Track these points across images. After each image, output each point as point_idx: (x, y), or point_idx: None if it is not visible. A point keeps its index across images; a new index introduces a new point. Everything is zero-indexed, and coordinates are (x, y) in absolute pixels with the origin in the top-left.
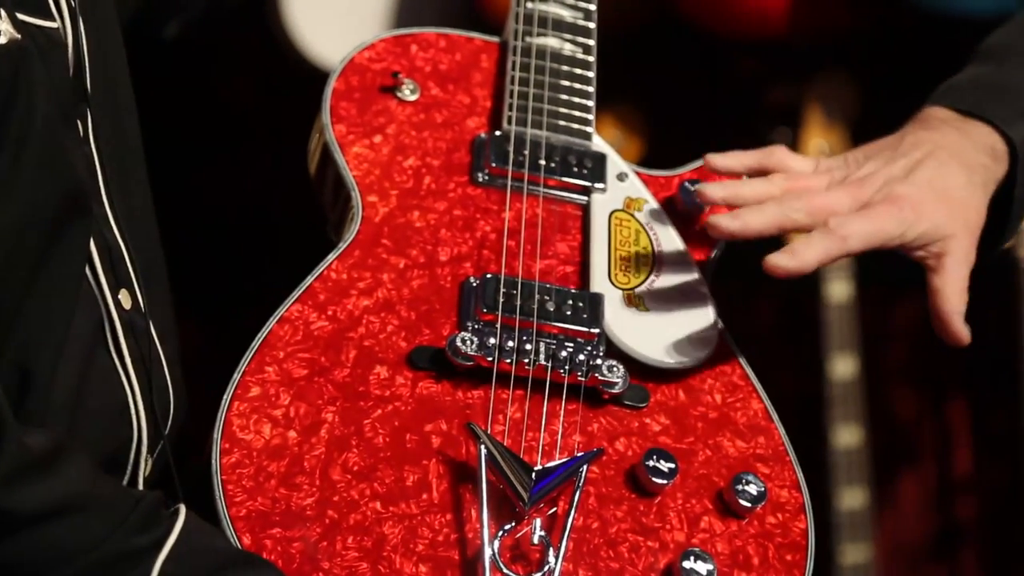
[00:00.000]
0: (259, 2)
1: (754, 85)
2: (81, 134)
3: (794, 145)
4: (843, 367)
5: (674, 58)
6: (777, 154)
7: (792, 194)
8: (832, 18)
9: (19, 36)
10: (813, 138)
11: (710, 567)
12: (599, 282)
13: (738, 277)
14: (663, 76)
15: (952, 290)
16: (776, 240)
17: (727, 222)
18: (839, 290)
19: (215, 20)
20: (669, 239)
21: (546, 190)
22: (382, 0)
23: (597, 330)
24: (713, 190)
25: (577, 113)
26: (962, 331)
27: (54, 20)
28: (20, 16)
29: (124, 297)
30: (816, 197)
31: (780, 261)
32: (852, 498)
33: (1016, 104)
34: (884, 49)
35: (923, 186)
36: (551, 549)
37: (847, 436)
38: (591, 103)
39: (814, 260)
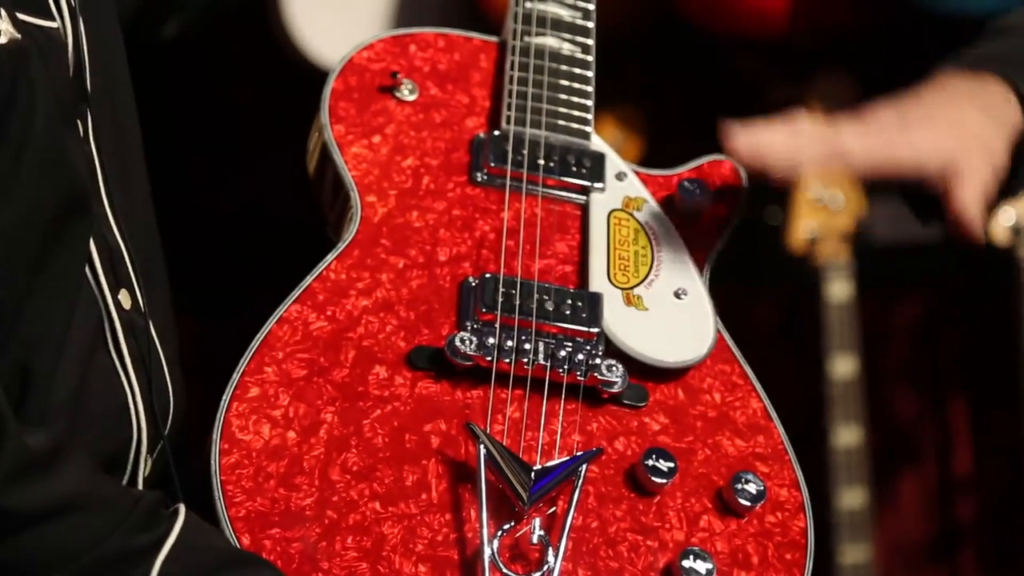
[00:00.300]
0: (259, 2)
1: (754, 84)
2: (81, 134)
3: None
4: (843, 367)
5: (674, 57)
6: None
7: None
8: (833, 17)
9: (19, 36)
10: None
11: (710, 566)
12: (598, 281)
13: (739, 277)
14: (663, 75)
15: (966, 199)
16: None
17: (744, 137)
18: (839, 290)
19: (215, 20)
20: (668, 238)
21: (545, 190)
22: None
23: (596, 329)
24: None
25: (576, 112)
26: (975, 226)
27: (54, 20)
28: (20, 16)
29: (124, 297)
30: (832, 135)
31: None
32: (852, 498)
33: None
34: (884, 48)
35: (939, 121)
36: (550, 548)
37: (847, 436)
38: (590, 102)
39: (808, 148)
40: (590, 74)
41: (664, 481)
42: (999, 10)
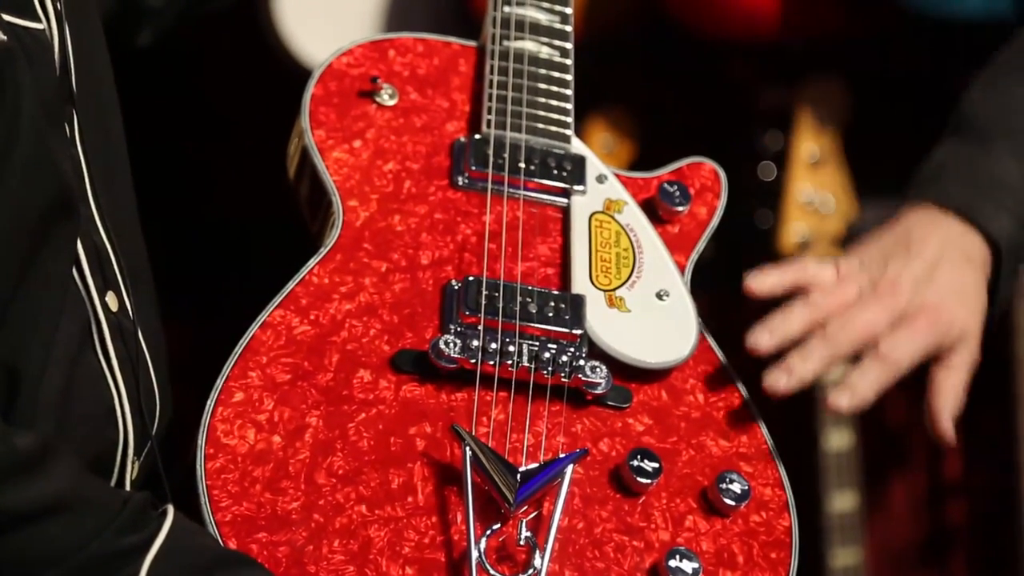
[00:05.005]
0: (249, 4)
1: (745, 88)
2: (68, 135)
3: (785, 149)
4: (834, 370)
5: (665, 61)
6: (809, 270)
7: (834, 325)
8: (824, 21)
9: (4, 38)
10: (804, 142)
11: (696, 566)
12: (580, 283)
13: (728, 279)
14: (654, 79)
15: (951, 390)
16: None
17: (785, 382)
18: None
19: (197, 24)
20: (649, 240)
21: (526, 193)
22: (373, 2)
23: (579, 331)
24: (765, 340)
25: (556, 116)
26: (949, 431)
27: (40, 21)
28: (5, 17)
29: (111, 299)
30: (856, 321)
31: (842, 401)
32: (843, 501)
33: (998, 198)
34: (875, 52)
35: (948, 290)
36: (537, 550)
37: (838, 439)
38: (569, 106)
39: (872, 392)
40: (569, 77)
41: (649, 481)
42: (990, 13)
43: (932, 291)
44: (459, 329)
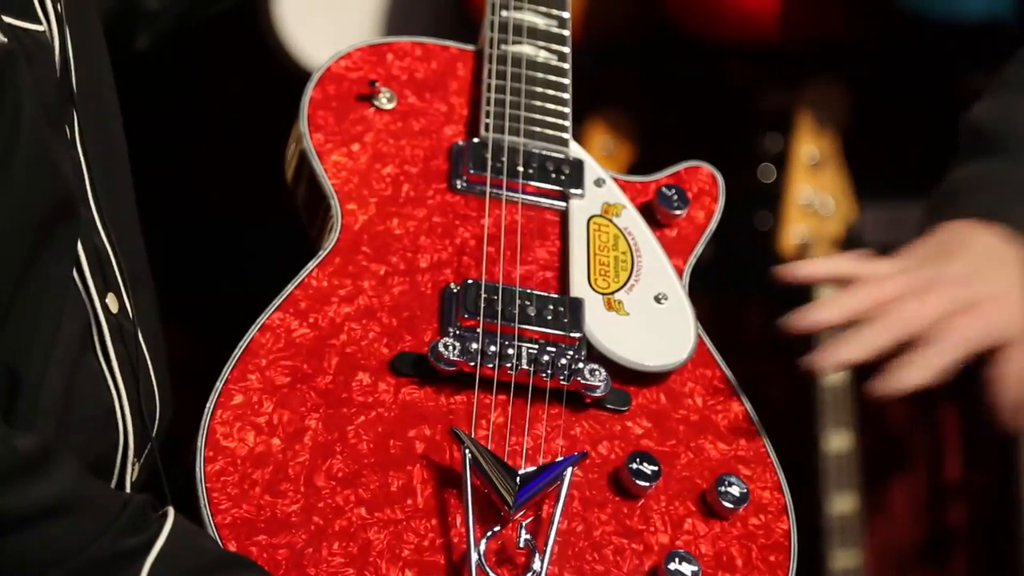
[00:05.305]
0: (250, 6)
1: (745, 91)
2: (68, 137)
3: (785, 151)
4: (834, 372)
5: (665, 63)
6: (863, 265)
7: (903, 308)
8: (824, 23)
9: (5, 40)
10: (804, 145)
11: (695, 568)
12: (579, 287)
13: (729, 281)
14: (655, 81)
15: (1013, 380)
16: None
17: (833, 360)
18: (830, 294)
19: (197, 27)
20: (647, 244)
21: (524, 196)
22: (373, 4)
23: (578, 334)
24: (828, 313)
25: (554, 120)
26: (1019, 418)
27: (40, 23)
28: (6, 19)
29: (112, 301)
30: (925, 306)
31: (912, 376)
32: (843, 503)
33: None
34: (876, 54)
35: (1008, 286)
36: (536, 552)
37: (838, 441)
38: (567, 109)
39: (935, 371)
40: (567, 81)
41: (648, 484)
42: (990, 16)
43: (987, 285)
44: (458, 332)
